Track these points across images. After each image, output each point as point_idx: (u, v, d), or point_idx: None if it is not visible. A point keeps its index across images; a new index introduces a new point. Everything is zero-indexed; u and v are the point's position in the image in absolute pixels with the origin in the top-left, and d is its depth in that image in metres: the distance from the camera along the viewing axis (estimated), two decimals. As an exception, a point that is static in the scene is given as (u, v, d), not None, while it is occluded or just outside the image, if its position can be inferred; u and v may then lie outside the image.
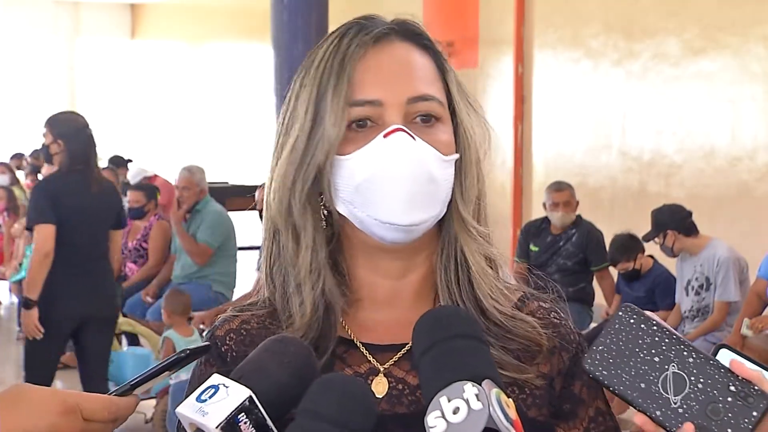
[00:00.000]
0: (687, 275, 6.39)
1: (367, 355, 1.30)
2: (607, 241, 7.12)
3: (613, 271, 7.04)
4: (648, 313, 1.10)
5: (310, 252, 1.28)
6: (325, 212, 1.30)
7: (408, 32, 1.32)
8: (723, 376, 1.05)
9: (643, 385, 1.06)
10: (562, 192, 7.17)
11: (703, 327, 6.24)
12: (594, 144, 9.44)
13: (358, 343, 1.31)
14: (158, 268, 8.00)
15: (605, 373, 1.08)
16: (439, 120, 1.28)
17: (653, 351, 1.07)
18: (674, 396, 1.05)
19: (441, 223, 1.31)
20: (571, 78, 9.67)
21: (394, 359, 1.29)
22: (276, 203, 1.30)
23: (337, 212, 1.29)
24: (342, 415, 1.00)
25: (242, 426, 1.02)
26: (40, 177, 10.57)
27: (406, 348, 1.29)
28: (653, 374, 1.07)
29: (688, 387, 1.05)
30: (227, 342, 1.33)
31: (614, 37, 9.21)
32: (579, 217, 7.21)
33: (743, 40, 8.07)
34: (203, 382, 1.30)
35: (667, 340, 1.08)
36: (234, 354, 1.31)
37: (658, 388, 1.06)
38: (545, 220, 7.27)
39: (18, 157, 14.40)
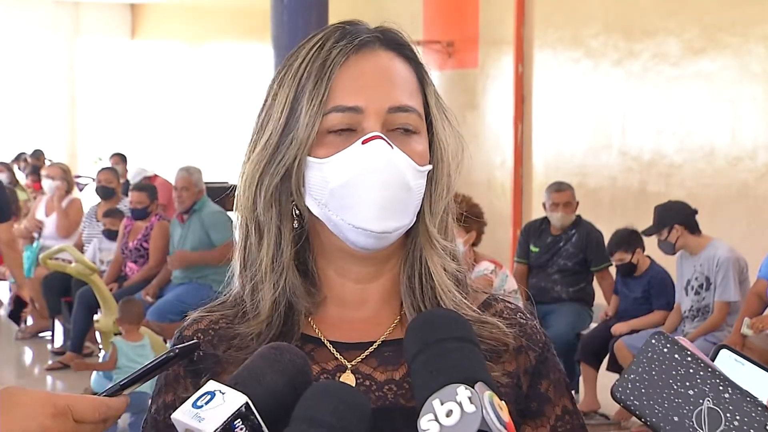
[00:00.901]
0: (686, 275, 6.39)
1: (335, 352, 1.31)
2: (608, 241, 7.12)
3: (613, 271, 7.04)
4: (682, 340, 1.08)
5: (272, 250, 1.30)
6: (297, 212, 1.31)
7: (392, 41, 1.32)
8: (760, 414, 1.02)
9: (676, 419, 1.04)
10: (562, 193, 7.17)
11: (703, 327, 6.24)
12: (594, 144, 9.45)
13: (325, 341, 1.32)
14: (158, 268, 8.00)
15: (636, 402, 1.05)
16: (416, 131, 1.29)
17: (687, 383, 1.05)
18: None
19: (408, 232, 1.32)
20: (571, 78, 9.68)
21: (361, 356, 1.31)
22: (244, 199, 1.32)
23: (309, 213, 1.30)
24: (338, 421, 1.00)
25: None
26: (42, 176, 10.58)
27: (374, 346, 1.31)
28: (687, 408, 1.04)
29: (723, 424, 1.02)
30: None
31: (614, 37, 9.21)
32: (579, 217, 7.21)
33: (743, 40, 8.08)
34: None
35: (702, 373, 1.05)
36: (201, 353, 1.32)
37: (692, 422, 1.03)
38: (545, 221, 7.27)
39: (19, 157, 14.42)
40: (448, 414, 0.98)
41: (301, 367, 1.10)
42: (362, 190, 1.24)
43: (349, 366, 1.30)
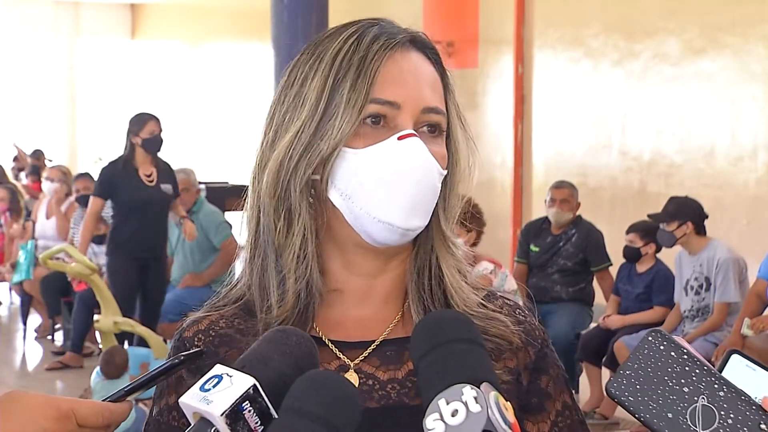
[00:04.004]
0: (686, 275, 6.38)
1: (336, 352, 1.32)
2: (608, 241, 7.13)
3: (613, 271, 7.04)
4: (678, 339, 1.08)
5: (300, 239, 1.28)
6: (310, 200, 1.29)
7: (423, 44, 1.34)
8: (754, 413, 1.03)
9: (670, 415, 1.04)
10: (560, 189, 7.18)
11: (703, 327, 6.25)
12: (594, 144, 9.44)
13: (326, 341, 1.32)
14: (158, 268, 7.99)
15: (631, 399, 1.06)
16: (441, 134, 1.31)
17: (683, 381, 1.05)
18: (702, 430, 1.03)
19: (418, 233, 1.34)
20: (571, 78, 9.68)
21: (363, 355, 1.31)
22: (270, 185, 1.29)
23: (329, 203, 1.29)
24: (327, 412, 1.00)
25: (246, 414, 1.02)
26: (43, 177, 10.59)
27: (375, 344, 1.32)
28: (682, 405, 1.04)
29: (717, 422, 1.03)
30: (195, 343, 1.34)
31: (614, 37, 9.21)
32: (579, 217, 7.21)
33: (743, 40, 8.08)
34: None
35: (697, 371, 1.05)
36: (204, 355, 1.32)
37: (686, 419, 1.03)
38: (545, 220, 7.27)
39: (18, 159, 14.41)
40: (454, 414, 0.98)
41: (308, 349, 1.11)
42: (396, 186, 1.25)
43: (352, 365, 1.31)
